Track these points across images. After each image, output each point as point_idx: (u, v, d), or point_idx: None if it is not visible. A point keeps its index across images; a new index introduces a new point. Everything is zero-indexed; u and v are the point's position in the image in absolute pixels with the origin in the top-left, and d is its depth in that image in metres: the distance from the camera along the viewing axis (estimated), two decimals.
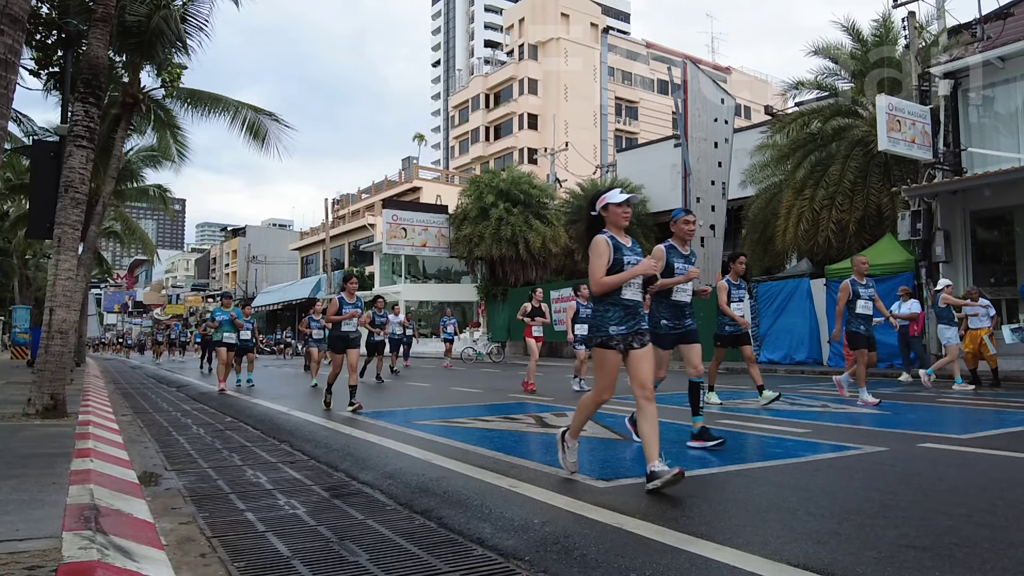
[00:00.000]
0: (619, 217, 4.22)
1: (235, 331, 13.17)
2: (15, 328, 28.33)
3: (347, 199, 59.09)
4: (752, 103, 52.57)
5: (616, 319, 4.11)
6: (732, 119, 24.35)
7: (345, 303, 8.93)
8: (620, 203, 4.22)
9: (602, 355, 4.15)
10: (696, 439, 5.53)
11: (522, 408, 8.83)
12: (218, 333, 13.11)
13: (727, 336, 8.38)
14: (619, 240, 4.21)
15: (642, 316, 4.24)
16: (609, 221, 4.25)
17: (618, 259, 4.14)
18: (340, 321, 8.85)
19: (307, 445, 6.30)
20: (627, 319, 4.13)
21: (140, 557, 2.90)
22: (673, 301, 5.68)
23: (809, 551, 2.95)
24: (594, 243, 4.17)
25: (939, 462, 4.91)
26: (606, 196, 4.24)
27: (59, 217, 8.15)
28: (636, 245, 4.36)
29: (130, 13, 13.88)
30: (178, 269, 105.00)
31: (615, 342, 4.10)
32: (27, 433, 6.47)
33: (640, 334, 4.18)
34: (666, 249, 5.59)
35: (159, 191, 25.86)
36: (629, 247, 4.24)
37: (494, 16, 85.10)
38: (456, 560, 3.05)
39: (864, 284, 8.69)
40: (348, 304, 8.95)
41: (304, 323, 15.39)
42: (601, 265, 4.12)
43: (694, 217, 5.80)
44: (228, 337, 13.03)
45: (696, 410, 5.64)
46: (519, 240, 28.14)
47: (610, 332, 4.09)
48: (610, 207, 4.22)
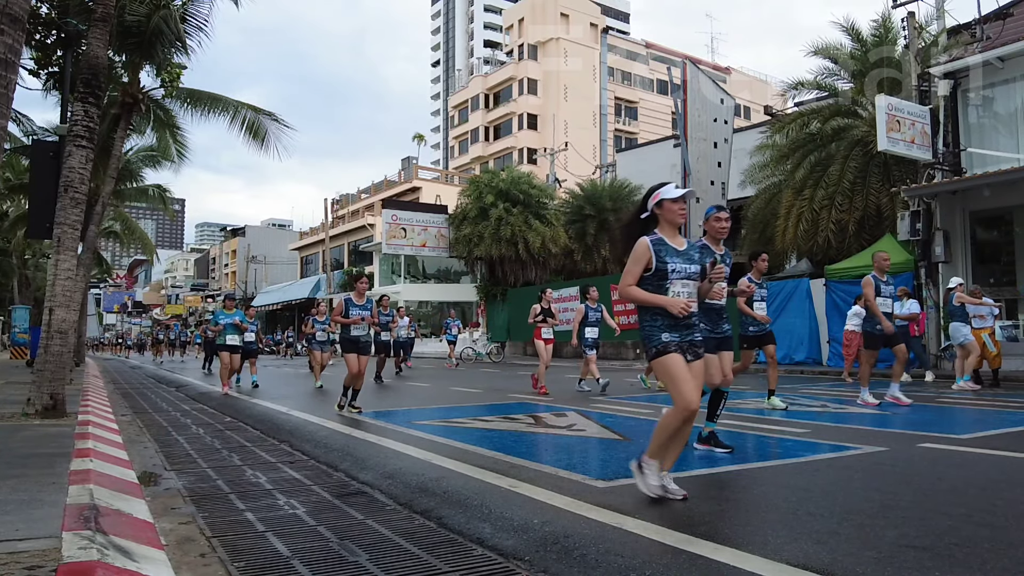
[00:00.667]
0: (675, 215, 3.82)
1: (239, 334, 12.87)
2: (14, 328, 28.33)
3: (347, 199, 59.10)
4: (752, 103, 52.60)
5: (665, 326, 3.74)
6: (732, 119, 24.35)
7: (352, 305, 8.51)
8: (676, 199, 3.82)
9: (664, 363, 3.71)
10: (703, 443, 5.42)
11: (522, 408, 8.82)
12: (221, 336, 12.83)
13: (752, 337, 8.09)
14: (669, 244, 3.81)
15: (696, 326, 3.85)
16: (663, 219, 3.85)
17: (661, 267, 3.73)
18: (346, 324, 8.45)
19: (307, 445, 6.29)
20: (678, 327, 3.75)
21: (140, 557, 2.90)
22: (708, 306, 5.31)
23: (809, 551, 2.95)
24: (636, 245, 3.80)
25: (939, 462, 4.91)
26: (660, 192, 3.86)
27: (59, 217, 8.14)
28: (694, 249, 3.94)
29: (130, 13, 13.87)
30: (177, 269, 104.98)
31: (673, 346, 3.71)
32: (26, 433, 6.46)
33: (694, 346, 3.80)
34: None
35: (158, 191, 25.85)
36: (682, 251, 3.82)
37: (494, 16, 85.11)
38: (456, 560, 3.05)
39: (885, 281, 8.41)
40: (356, 306, 8.52)
41: (308, 324, 14.74)
42: (634, 273, 3.76)
43: (727, 214, 5.36)
44: (232, 340, 12.73)
45: (712, 416, 5.50)
46: (518, 240, 28.16)
47: (663, 339, 3.71)
48: (665, 204, 3.82)
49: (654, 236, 3.82)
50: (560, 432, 6.68)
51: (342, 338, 8.67)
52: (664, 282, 3.74)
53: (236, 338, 12.78)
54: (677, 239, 3.87)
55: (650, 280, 3.76)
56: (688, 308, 3.71)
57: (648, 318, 3.80)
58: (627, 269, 3.78)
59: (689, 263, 3.80)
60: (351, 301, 8.54)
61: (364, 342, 8.56)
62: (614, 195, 29.38)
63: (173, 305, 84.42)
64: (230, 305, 13.45)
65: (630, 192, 29.83)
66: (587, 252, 28.51)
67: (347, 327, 8.46)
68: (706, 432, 5.45)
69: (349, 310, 8.48)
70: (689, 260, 3.81)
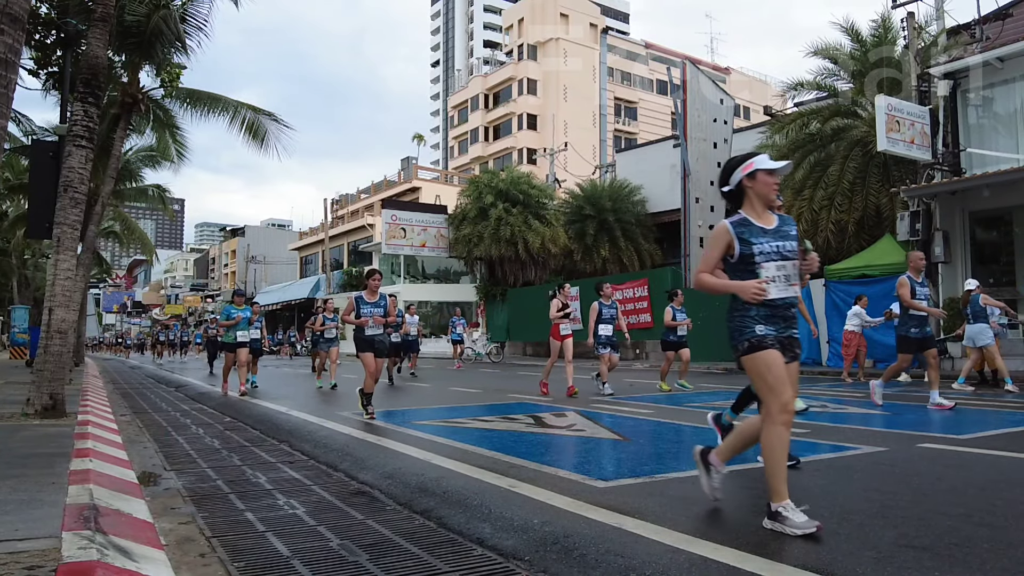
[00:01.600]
0: (769, 189, 3.37)
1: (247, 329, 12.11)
2: (14, 328, 28.31)
3: (346, 199, 59.09)
4: (751, 103, 52.59)
5: (761, 318, 3.30)
6: (731, 119, 24.38)
7: (363, 303, 8.00)
8: (772, 171, 3.38)
9: (760, 360, 3.25)
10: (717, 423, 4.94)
11: (522, 408, 8.82)
12: (230, 333, 11.99)
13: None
14: (755, 223, 3.35)
15: (795, 319, 3.39)
16: (753, 193, 3.39)
17: (745, 252, 3.29)
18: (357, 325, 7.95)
19: (306, 445, 6.29)
20: (775, 320, 3.31)
21: (139, 557, 2.90)
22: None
23: (809, 551, 2.95)
24: (715, 229, 3.39)
25: (938, 462, 4.91)
26: (754, 161, 3.40)
27: (58, 217, 8.14)
28: (788, 223, 3.45)
29: (129, 13, 13.88)
30: (177, 269, 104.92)
31: (768, 342, 3.26)
32: (26, 433, 6.46)
33: (792, 342, 3.36)
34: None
35: (158, 191, 25.87)
36: (771, 229, 3.36)
37: (493, 16, 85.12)
38: (456, 560, 3.05)
39: (920, 282, 8.00)
40: (367, 304, 7.99)
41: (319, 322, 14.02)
42: (709, 259, 3.36)
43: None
44: (243, 336, 11.90)
45: (739, 409, 5.05)
46: (518, 240, 28.16)
47: (758, 332, 3.27)
48: (759, 176, 3.37)
49: (736, 217, 3.37)
50: (560, 432, 6.68)
51: (356, 337, 8.06)
52: (753, 267, 3.29)
53: (247, 333, 12.00)
54: (766, 216, 3.40)
55: (736, 267, 3.33)
56: (762, 292, 3.23)
57: (739, 307, 3.34)
58: (703, 256, 3.40)
59: (783, 239, 3.33)
60: (362, 299, 8.04)
61: (379, 343, 8.04)
62: (614, 195, 29.37)
63: (172, 305, 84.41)
64: (240, 301, 12.67)
65: (630, 192, 29.83)
66: (587, 252, 28.51)
67: (361, 327, 7.95)
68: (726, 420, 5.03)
69: (360, 308, 7.98)
70: (783, 236, 3.35)
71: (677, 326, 11.11)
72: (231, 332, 11.97)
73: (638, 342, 23.27)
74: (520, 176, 30.83)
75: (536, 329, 28.58)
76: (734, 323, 3.37)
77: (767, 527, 3.27)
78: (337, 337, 13.77)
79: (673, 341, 11.15)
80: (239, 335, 11.86)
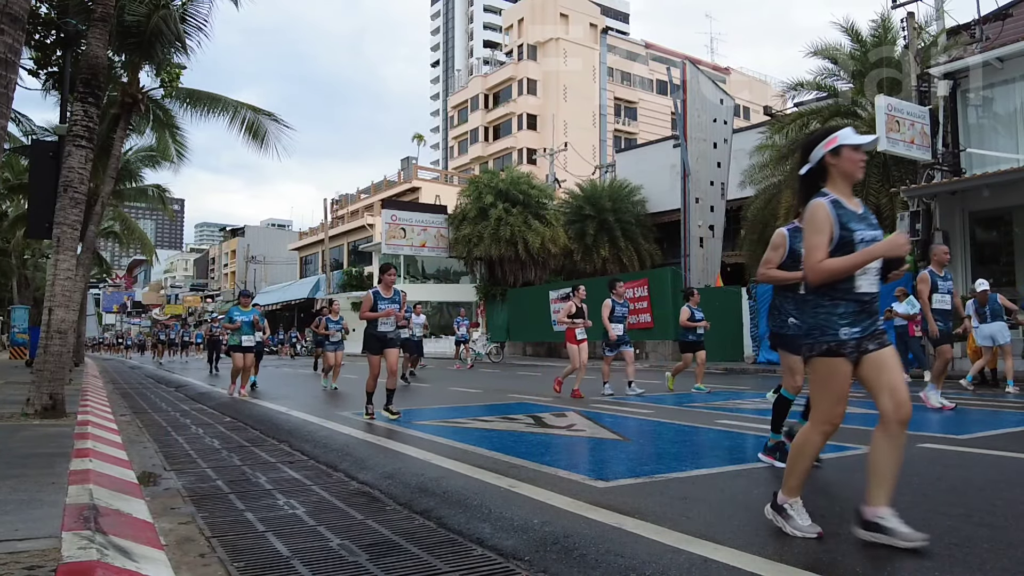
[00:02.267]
0: (855, 167, 3.07)
1: (254, 332, 12.05)
2: (14, 328, 28.29)
3: (346, 199, 59.08)
4: (751, 103, 52.59)
5: (848, 318, 3.00)
6: (731, 119, 24.39)
7: (380, 297, 7.87)
8: (858, 146, 3.07)
9: (829, 366, 3.01)
10: (767, 453, 4.89)
11: (522, 408, 8.82)
12: (234, 336, 11.90)
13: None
14: (846, 205, 3.05)
15: (879, 312, 3.12)
16: (838, 172, 3.09)
17: (845, 237, 2.99)
18: (376, 319, 7.81)
19: (306, 445, 6.29)
20: (862, 317, 3.02)
21: (139, 557, 2.89)
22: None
23: (809, 551, 2.95)
24: (811, 210, 3.03)
25: (938, 462, 4.91)
26: (838, 136, 3.08)
27: (58, 217, 8.14)
28: (868, 211, 3.16)
29: (129, 13, 13.88)
30: (177, 269, 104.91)
31: (848, 348, 2.99)
32: (26, 433, 6.46)
33: (878, 335, 3.05)
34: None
35: (158, 191, 25.87)
36: (860, 215, 3.07)
37: (493, 16, 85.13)
38: (456, 560, 3.05)
39: (943, 276, 7.86)
40: (384, 299, 7.88)
41: (322, 325, 13.98)
42: (821, 244, 2.99)
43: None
44: (247, 340, 11.80)
45: (777, 426, 4.91)
46: (518, 240, 28.16)
47: (841, 336, 2.98)
48: (844, 152, 3.06)
49: (830, 196, 3.05)
50: (560, 432, 6.68)
51: (367, 335, 7.94)
52: None
53: (251, 338, 11.92)
54: (854, 200, 3.11)
55: (834, 255, 3.00)
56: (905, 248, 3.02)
57: (826, 303, 3.02)
58: (810, 242, 3.01)
59: (872, 229, 3.06)
60: (379, 294, 7.89)
61: (392, 338, 7.93)
62: (613, 195, 29.39)
63: (172, 305, 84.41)
64: (246, 302, 12.49)
65: (629, 192, 29.84)
66: (586, 252, 28.52)
67: (373, 323, 7.85)
68: (771, 443, 4.90)
69: (378, 303, 7.84)
70: (872, 226, 3.07)
71: (695, 326, 10.91)
72: (236, 335, 11.91)
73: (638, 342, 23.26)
74: (520, 176, 30.84)
75: (536, 329, 28.62)
76: (817, 319, 3.04)
77: (767, 516, 3.27)
78: (342, 340, 13.76)
79: (692, 341, 10.95)
80: (244, 339, 11.77)
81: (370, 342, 7.88)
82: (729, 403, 9.25)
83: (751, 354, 18.96)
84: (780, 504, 3.21)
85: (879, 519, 2.97)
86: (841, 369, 3.00)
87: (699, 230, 22.66)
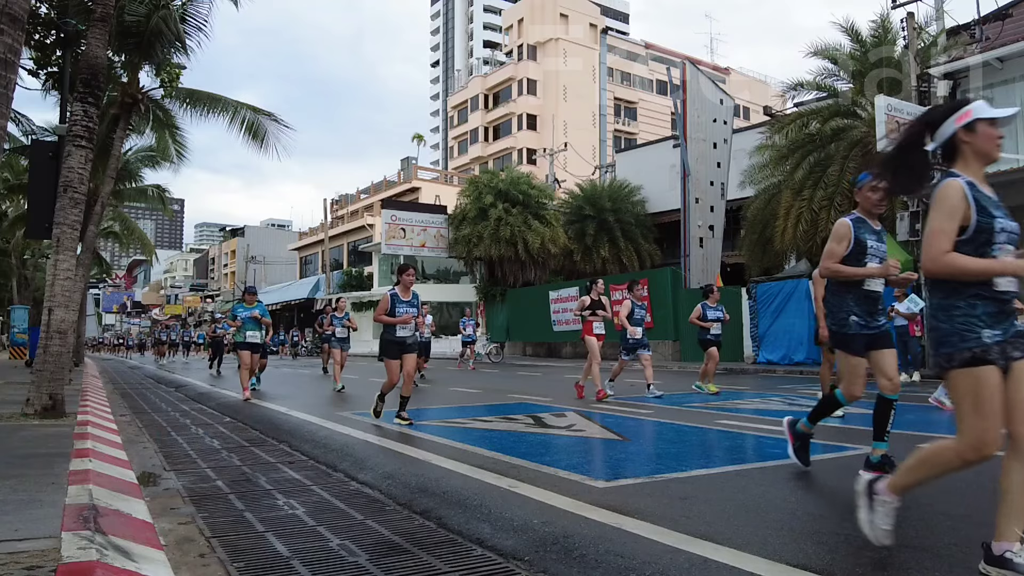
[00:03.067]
0: (992, 145, 2.69)
1: (259, 329, 11.73)
2: (13, 328, 28.30)
3: (346, 199, 59.09)
4: (751, 104, 52.62)
5: (990, 316, 2.57)
6: (731, 120, 24.39)
7: (399, 301, 7.36)
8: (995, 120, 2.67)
9: (975, 377, 2.54)
10: (873, 468, 4.26)
11: (522, 408, 8.82)
12: (239, 333, 11.56)
13: None
14: (982, 189, 2.65)
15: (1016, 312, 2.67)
16: (971, 151, 2.69)
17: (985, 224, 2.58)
18: (393, 324, 7.35)
19: (306, 445, 6.29)
20: (1003, 318, 2.59)
21: (139, 557, 2.89)
22: (865, 291, 4.38)
23: (809, 551, 2.95)
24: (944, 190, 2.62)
25: None
26: (972, 109, 2.68)
27: (58, 217, 8.14)
28: None
29: (129, 13, 13.88)
30: (177, 269, 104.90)
31: (993, 354, 2.54)
32: (25, 433, 6.45)
33: (1021, 338, 2.60)
34: (852, 223, 4.32)
35: (158, 191, 25.87)
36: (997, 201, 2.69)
37: (493, 16, 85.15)
38: (456, 560, 3.05)
39: None
40: (402, 302, 7.37)
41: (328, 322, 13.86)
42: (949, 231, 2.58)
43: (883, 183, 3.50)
44: (252, 336, 11.50)
45: (881, 434, 4.45)
46: (518, 240, 28.18)
47: (984, 338, 2.54)
48: (980, 128, 2.66)
49: (963, 178, 2.65)
50: (560, 432, 6.68)
51: (384, 339, 7.52)
52: (986, 249, 2.58)
53: (257, 335, 11.64)
54: (985, 183, 2.70)
55: (968, 244, 2.58)
56: None
57: (963, 304, 2.58)
58: (937, 227, 2.58)
59: (1010, 219, 2.68)
60: (397, 297, 7.38)
61: (410, 344, 7.51)
62: (613, 195, 29.40)
63: (172, 305, 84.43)
64: (251, 299, 12.04)
65: (629, 192, 29.86)
66: (586, 252, 28.53)
67: (391, 328, 7.38)
68: (876, 456, 4.43)
69: (396, 307, 7.33)
70: (1008, 216, 2.69)
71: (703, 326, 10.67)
72: (240, 332, 11.69)
73: None
74: (520, 176, 30.86)
75: (536, 329, 28.64)
76: (953, 323, 2.59)
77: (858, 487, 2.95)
78: (349, 337, 13.73)
79: (710, 339, 10.71)
80: (248, 335, 11.53)
81: (388, 347, 7.44)
82: (729, 403, 9.25)
83: (751, 354, 18.97)
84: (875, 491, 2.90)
85: (1012, 555, 2.58)
86: (991, 379, 2.53)
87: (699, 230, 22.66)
